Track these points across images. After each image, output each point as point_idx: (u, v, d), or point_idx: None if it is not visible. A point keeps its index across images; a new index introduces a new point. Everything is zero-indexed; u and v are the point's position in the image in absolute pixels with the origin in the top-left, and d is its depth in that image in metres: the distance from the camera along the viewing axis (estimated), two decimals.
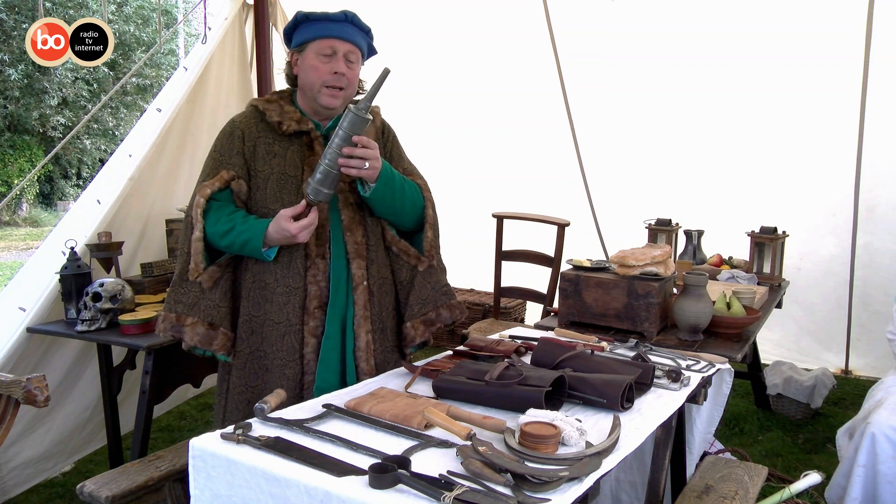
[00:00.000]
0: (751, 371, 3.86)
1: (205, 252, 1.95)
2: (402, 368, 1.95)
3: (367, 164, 1.84)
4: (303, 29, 1.98)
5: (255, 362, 2.00)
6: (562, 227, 3.81)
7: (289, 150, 1.99)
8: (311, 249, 1.95)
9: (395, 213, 2.06)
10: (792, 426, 3.73)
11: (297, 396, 1.94)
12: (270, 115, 2.00)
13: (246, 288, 2.00)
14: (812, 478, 2.16)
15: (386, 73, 1.80)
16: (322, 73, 1.94)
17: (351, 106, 1.84)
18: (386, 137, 2.15)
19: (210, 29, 3.86)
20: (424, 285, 2.12)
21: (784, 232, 3.52)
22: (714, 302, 2.53)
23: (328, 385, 1.94)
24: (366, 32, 2.02)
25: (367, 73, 2.08)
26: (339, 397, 1.69)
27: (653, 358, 2.05)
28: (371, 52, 2.09)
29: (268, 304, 1.97)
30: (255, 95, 4.18)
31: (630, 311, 2.45)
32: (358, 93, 2.12)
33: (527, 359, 1.97)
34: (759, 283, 3.27)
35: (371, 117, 1.86)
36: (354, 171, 1.85)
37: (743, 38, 3.90)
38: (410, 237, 2.16)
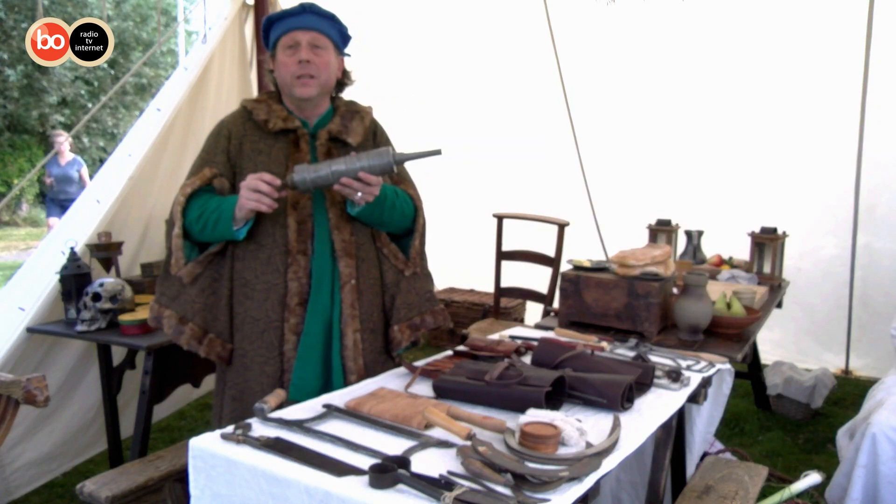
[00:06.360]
0: (751, 371, 3.86)
1: (186, 248, 1.98)
2: (402, 368, 1.94)
3: (359, 194, 1.86)
4: (270, 31, 2.02)
5: (238, 360, 2.02)
6: (562, 227, 3.80)
7: (274, 147, 2.01)
8: (292, 246, 1.96)
9: (382, 225, 2.09)
10: (792, 426, 3.73)
11: None
12: (257, 113, 2.02)
13: (229, 287, 2.02)
14: (812, 478, 2.15)
15: (437, 152, 1.86)
16: (290, 66, 1.97)
17: (392, 150, 1.89)
18: (377, 139, 2.15)
19: (210, 28, 3.86)
20: (410, 290, 2.14)
21: (784, 232, 3.52)
22: (714, 302, 2.53)
23: (304, 383, 1.95)
24: (329, 19, 2.03)
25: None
26: (339, 397, 1.69)
27: (653, 358, 2.05)
28: (345, 39, 2.09)
29: (249, 302, 1.99)
30: (256, 95, 4.20)
31: (630, 311, 2.45)
32: (345, 83, 2.14)
33: (527, 359, 1.97)
34: (759, 283, 3.26)
35: (395, 170, 1.92)
36: (346, 194, 1.88)
37: (743, 38, 3.91)
38: (398, 240, 2.17)
